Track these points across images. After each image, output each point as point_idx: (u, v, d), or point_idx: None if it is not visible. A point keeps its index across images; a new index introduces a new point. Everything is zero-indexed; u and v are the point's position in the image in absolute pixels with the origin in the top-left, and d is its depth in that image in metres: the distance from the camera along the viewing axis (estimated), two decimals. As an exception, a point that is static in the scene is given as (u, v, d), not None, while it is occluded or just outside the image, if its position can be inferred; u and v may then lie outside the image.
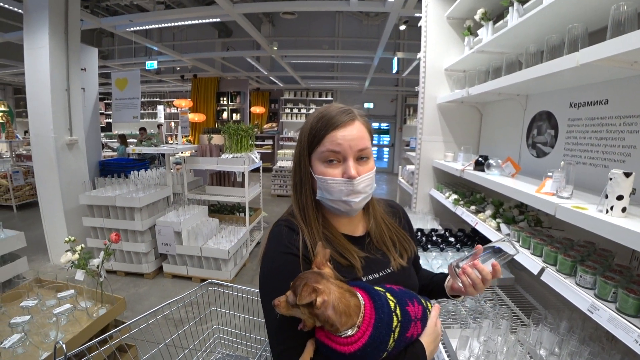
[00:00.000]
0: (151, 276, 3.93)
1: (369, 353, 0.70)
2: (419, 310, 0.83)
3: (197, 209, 4.03)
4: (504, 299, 1.99)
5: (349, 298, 0.71)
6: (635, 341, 0.99)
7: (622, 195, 1.11)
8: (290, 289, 0.70)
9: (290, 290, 0.70)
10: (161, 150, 3.87)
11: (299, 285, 0.68)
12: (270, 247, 0.86)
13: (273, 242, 0.86)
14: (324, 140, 0.83)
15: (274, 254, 0.84)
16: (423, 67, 2.99)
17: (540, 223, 1.88)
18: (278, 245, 0.84)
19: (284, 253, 0.82)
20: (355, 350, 0.69)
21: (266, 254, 0.86)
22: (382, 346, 0.72)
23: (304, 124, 0.89)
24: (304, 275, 0.71)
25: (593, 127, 1.75)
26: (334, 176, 0.83)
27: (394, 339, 0.74)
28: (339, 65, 11.14)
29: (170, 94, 14.02)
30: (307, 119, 0.90)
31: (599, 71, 1.49)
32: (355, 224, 0.97)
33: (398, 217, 1.06)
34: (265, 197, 8.04)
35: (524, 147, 2.35)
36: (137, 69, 5.48)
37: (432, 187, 3.09)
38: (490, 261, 0.90)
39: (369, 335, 0.70)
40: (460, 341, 1.43)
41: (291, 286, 0.71)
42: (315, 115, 0.87)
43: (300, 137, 0.89)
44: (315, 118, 0.86)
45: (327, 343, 0.71)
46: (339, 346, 0.70)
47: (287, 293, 0.71)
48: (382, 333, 0.72)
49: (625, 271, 1.24)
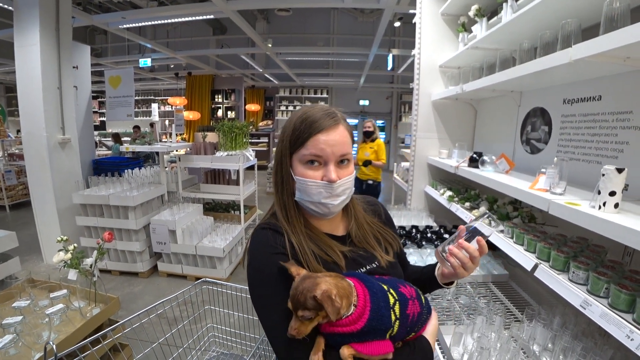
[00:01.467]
0: (146, 275, 3.91)
1: (375, 327, 0.73)
2: (413, 291, 0.85)
3: (191, 207, 4.01)
4: (498, 295, 1.99)
5: (340, 281, 0.73)
6: (627, 336, 0.99)
7: (615, 191, 1.11)
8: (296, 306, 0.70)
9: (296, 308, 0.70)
10: (155, 148, 3.84)
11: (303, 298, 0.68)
12: (258, 252, 0.84)
13: (260, 246, 0.85)
14: (307, 144, 0.82)
15: (263, 257, 0.82)
16: (417, 64, 2.99)
17: (534, 219, 1.89)
18: (266, 247, 0.83)
19: (273, 254, 0.81)
20: (362, 327, 0.72)
21: (254, 259, 0.84)
22: (386, 320, 0.74)
23: (287, 123, 0.88)
24: (299, 287, 0.70)
25: (586, 123, 1.76)
26: (314, 178, 0.83)
27: (397, 317, 0.76)
28: (334, 62, 11.11)
29: (165, 92, 13.93)
30: (290, 117, 0.88)
31: (592, 67, 1.49)
32: (335, 224, 0.97)
33: (378, 214, 1.06)
34: (261, 195, 8.01)
35: (518, 144, 2.35)
36: (131, 67, 5.43)
37: (427, 183, 3.09)
38: (475, 239, 0.89)
39: (370, 310, 0.73)
40: (454, 337, 1.43)
41: (295, 304, 0.70)
42: (299, 116, 0.85)
43: (282, 136, 0.88)
44: (299, 119, 0.84)
45: (336, 331, 0.72)
46: (346, 328, 0.72)
47: (299, 313, 0.69)
48: (381, 306, 0.74)
49: (618, 267, 1.25)
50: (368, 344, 0.73)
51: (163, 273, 3.93)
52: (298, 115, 0.86)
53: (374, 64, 9.26)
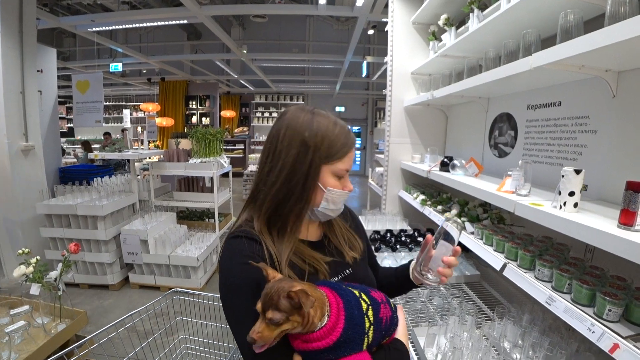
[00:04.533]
0: (117, 287, 3.76)
1: (352, 337, 0.70)
2: (382, 296, 0.85)
3: (164, 216, 3.90)
4: (471, 295, 2.05)
5: (314, 291, 0.70)
6: (589, 329, 1.04)
7: (574, 191, 1.17)
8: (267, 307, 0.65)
9: (267, 309, 0.65)
10: (125, 155, 3.72)
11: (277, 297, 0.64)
12: (232, 261, 0.79)
13: (234, 255, 0.79)
14: (344, 158, 0.85)
15: (237, 267, 0.77)
16: (390, 71, 3.05)
17: (503, 221, 1.95)
18: (240, 256, 0.78)
19: (244, 263, 0.76)
20: (338, 338, 0.68)
21: (227, 269, 0.79)
22: (360, 329, 0.72)
23: (307, 128, 0.81)
24: (274, 286, 0.66)
25: (548, 127, 1.85)
26: (339, 189, 0.87)
27: (371, 322, 0.75)
28: (310, 69, 11.19)
29: (137, 98, 13.54)
30: (309, 123, 0.82)
31: (552, 74, 1.57)
32: (310, 230, 0.96)
33: (346, 219, 1.05)
34: (237, 202, 7.89)
35: (486, 148, 2.44)
36: (100, 72, 5.26)
37: (401, 188, 3.15)
38: (448, 247, 0.90)
39: (344, 319, 0.70)
40: (428, 339, 1.46)
41: (266, 303, 0.65)
42: (330, 128, 0.83)
43: (304, 143, 0.81)
44: (336, 129, 0.84)
45: (310, 347, 0.69)
46: (321, 342, 0.68)
47: (268, 315, 0.64)
48: (355, 314, 0.72)
49: (580, 263, 1.31)
50: (343, 358, 0.69)
51: (135, 285, 3.79)
52: (329, 128, 0.83)
53: (349, 71, 9.39)
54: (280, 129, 0.83)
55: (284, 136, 0.82)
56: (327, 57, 8.94)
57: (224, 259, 0.81)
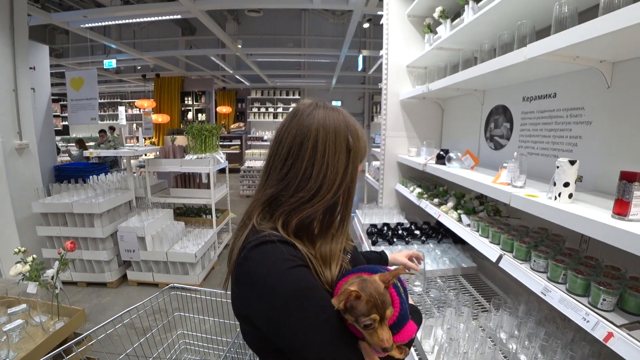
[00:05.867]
0: (115, 285, 3.76)
1: (403, 305, 0.74)
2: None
3: (161, 213, 3.89)
4: (467, 287, 2.06)
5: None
6: (584, 319, 1.05)
7: (568, 182, 1.17)
8: (383, 310, 0.66)
9: (384, 312, 0.66)
10: (120, 152, 3.70)
11: (382, 299, 0.67)
12: (272, 266, 0.70)
13: (273, 261, 0.71)
14: (364, 159, 0.86)
15: (283, 274, 0.70)
16: (385, 64, 3.04)
17: (499, 213, 1.96)
18: (282, 261, 0.71)
19: (293, 267, 0.71)
20: (397, 316, 0.72)
21: (269, 277, 0.70)
22: (405, 303, 0.76)
23: (346, 130, 0.80)
24: (371, 294, 0.66)
25: (543, 119, 1.85)
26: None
27: (403, 291, 0.80)
28: (306, 63, 11.13)
29: (132, 95, 13.43)
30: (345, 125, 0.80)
31: (546, 65, 1.57)
32: None
33: None
34: (234, 198, 7.89)
35: (482, 141, 2.44)
36: (94, 68, 5.21)
37: (398, 181, 3.15)
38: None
39: (395, 292, 0.74)
40: (425, 331, 1.47)
41: (380, 308, 0.66)
42: (358, 126, 0.84)
43: (349, 147, 0.79)
44: (362, 132, 0.85)
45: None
46: (392, 316, 0.71)
47: (387, 314, 0.67)
48: (400, 291, 0.76)
49: (575, 254, 1.32)
50: (402, 331, 0.74)
51: (133, 282, 3.79)
52: (360, 131, 0.84)
53: (345, 65, 9.34)
54: (317, 132, 0.76)
55: (325, 139, 0.76)
56: (323, 52, 8.88)
57: (262, 271, 0.70)
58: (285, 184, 0.77)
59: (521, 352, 1.35)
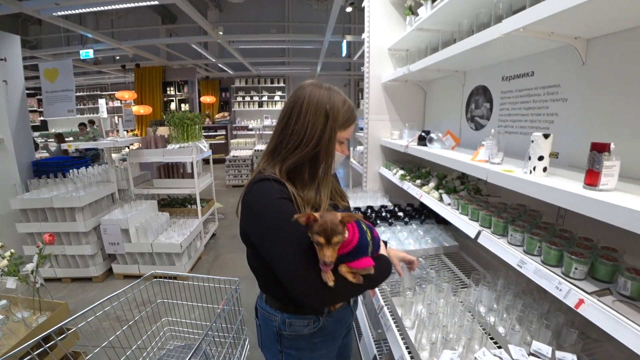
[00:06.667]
0: (100, 279, 3.71)
1: (363, 245, 0.96)
2: (371, 224, 1.12)
3: (145, 204, 3.83)
4: (449, 265, 2.10)
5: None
6: (557, 287, 1.08)
7: (543, 155, 1.19)
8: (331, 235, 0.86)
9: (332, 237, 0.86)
10: (100, 144, 3.61)
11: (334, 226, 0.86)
12: (265, 195, 0.96)
13: (265, 191, 0.97)
14: (349, 128, 1.09)
15: (271, 199, 0.95)
16: (367, 48, 3.01)
17: (480, 192, 1.99)
18: (271, 192, 0.96)
19: (279, 198, 0.96)
20: (356, 244, 0.94)
21: (261, 201, 0.96)
22: (366, 241, 0.98)
23: (327, 102, 1.01)
24: (326, 221, 0.86)
25: (522, 98, 1.87)
26: (343, 152, 1.12)
27: (370, 238, 1.02)
28: (290, 50, 10.98)
29: (112, 86, 13.10)
30: (327, 97, 1.02)
31: (523, 43, 1.57)
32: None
33: (336, 178, 1.28)
34: (220, 189, 7.82)
35: (464, 122, 2.46)
36: (69, 59, 5.03)
37: (381, 165, 3.16)
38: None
39: (357, 229, 0.96)
40: (406, 307, 1.49)
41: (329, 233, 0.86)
42: (342, 101, 1.05)
43: (322, 111, 1.01)
44: (344, 104, 1.06)
45: (340, 253, 0.91)
46: (344, 249, 0.92)
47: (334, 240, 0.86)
48: (363, 230, 0.99)
49: (550, 228, 1.35)
50: (357, 261, 0.95)
51: (119, 275, 3.75)
52: (342, 100, 1.05)
53: (329, 51, 9.24)
54: (303, 99, 1.01)
55: (308, 105, 1.00)
56: (307, 37, 8.76)
57: (257, 199, 0.97)
58: (281, 138, 1.04)
59: (499, 324, 1.38)
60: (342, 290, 0.94)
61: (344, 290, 0.95)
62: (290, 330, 1.10)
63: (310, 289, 0.90)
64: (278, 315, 1.10)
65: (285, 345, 1.12)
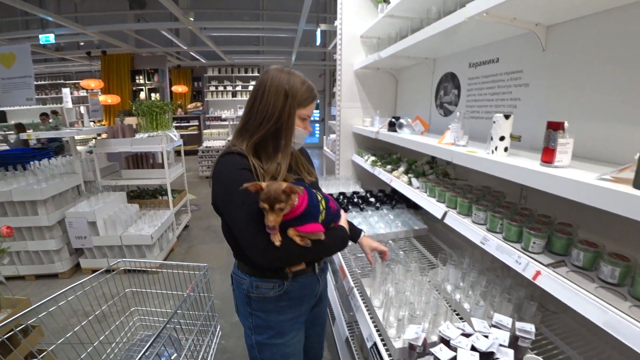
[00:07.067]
0: (67, 275, 3.56)
1: (312, 211, 1.07)
2: (330, 197, 1.23)
3: (113, 196, 3.70)
4: (418, 247, 2.16)
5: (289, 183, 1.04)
6: (516, 261, 1.13)
7: (504, 136, 1.23)
8: (274, 202, 0.97)
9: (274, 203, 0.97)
10: (62, 133, 3.43)
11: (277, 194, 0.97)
12: (227, 166, 1.09)
13: (228, 163, 1.10)
14: (309, 106, 1.20)
15: (232, 170, 1.08)
16: (340, 35, 3.01)
17: (448, 175, 2.04)
18: (233, 164, 1.09)
19: (240, 169, 1.09)
20: (303, 211, 1.04)
21: (224, 172, 1.09)
22: (317, 208, 1.10)
23: (286, 83, 1.13)
24: (270, 189, 0.97)
25: (487, 83, 1.92)
26: (305, 129, 1.22)
27: (324, 208, 1.13)
28: (265, 38, 10.79)
29: (77, 75, 12.44)
30: (286, 79, 1.14)
31: (487, 28, 1.61)
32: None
33: (304, 155, 1.39)
34: (194, 180, 7.66)
35: (433, 108, 2.51)
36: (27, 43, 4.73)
37: (354, 152, 3.19)
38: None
39: (307, 199, 1.06)
40: (374, 287, 1.52)
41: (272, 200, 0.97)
42: (301, 82, 1.17)
43: (281, 91, 1.12)
44: (303, 85, 1.17)
45: (287, 218, 1.03)
46: (292, 214, 1.03)
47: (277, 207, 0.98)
48: (314, 197, 1.10)
49: (512, 206, 1.41)
50: (305, 225, 1.05)
51: (87, 270, 3.61)
52: (300, 81, 1.17)
53: (304, 40, 9.14)
54: (267, 82, 1.13)
55: (270, 87, 1.13)
56: (281, 25, 8.62)
57: (221, 170, 1.10)
58: (249, 117, 1.16)
59: (465, 301, 1.44)
60: (292, 252, 1.06)
61: (293, 252, 1.06)
62: (257, 292, 1.20)
63: (260, 247, 1.03)
64: (247, 279, 1.21)
65: (254, 307, 1.23)
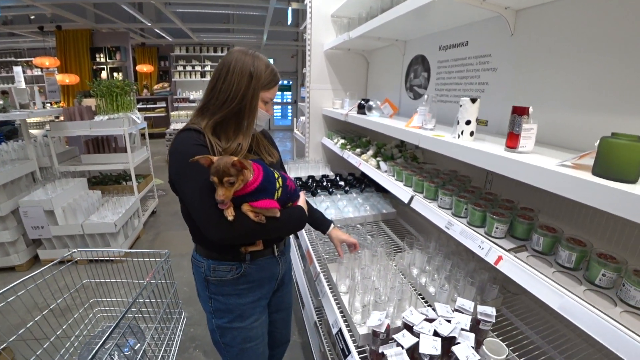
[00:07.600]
0: (25, 268, 3.36)
1: (267, 187, 1.08)
2: (288, 176, 1.23)
3: (72, 183, 3.48)
4: (386, 230, 2.17)
5: (244, 159, 1.02)
6: (479, 246, 1.14)
7: (470, 120, 1.22)
8: (222, 176, 0.96)
9: (223, 177, 0.96)
10: (11, 115, 3.17)
11: (226, 168, 0.96)
12: (183, 144, 1.08)
13: (184, 139, 1.09)
14: (272, 89, 1.19)
15: (187, 146, 1.07)
16: (310, 13, 2.90)
17: (417, 159, 2.04)
18: (189, 140, 1.08)
19: (195, 145, 1.07)
20: (257, 186, 1.05)
21: (178, 148, 1.08)
22: (272, 185, 1.10)
23: (251, 65, 1.11)
24: (220, 163, 0.96)
25: (456, 67, 1.91)
26: (267, 112, 1.21)
27: (280, 185, 1.13)
28: (235, 16, 10.35)
29: (30, 52, 11.54)
30: (251, 61, 1.12)
31: (457, 10, 1.58)
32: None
33: (266, 137, 1.38)
34: (161, 164, 7.38)
35: (403, 91, 2.49)
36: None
37: (324, 135, 3.14)
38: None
39: (262, 175, 1.07)
40: (340, 272, 1.51)
41: (221, 174, 0.96)
42: (265, 65, 1.15)
43: (246, 73, 1.11)
44: (267, 68, 1.15)
45: (241, 193, 1.03)
46: (246, 189, 1.03)
47: (225, 180, 0.96)
48: (269, 174, 1.11)
49: (477, 191, 1.42)
50: (260, 201, 1.05)
51: (46, 261, 3.41)
52: (265, 64, 1.15)
53: (275, 19, 8.85)
54: (230, 63, 1.11)
55: (234, 68, 1.11)
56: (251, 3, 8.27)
57: (178, 145, 1.08)
58: (211, 96, 1.15)
59: (430, 284, 1.45)
60: (246, 227, 1.04)
61: (247, 227, 1.05)
62: (214, 275, 1.20)
63: (212, 221, 1.02)
64: (204, 262, 1.21)
65: (212, 290, 1.22)
